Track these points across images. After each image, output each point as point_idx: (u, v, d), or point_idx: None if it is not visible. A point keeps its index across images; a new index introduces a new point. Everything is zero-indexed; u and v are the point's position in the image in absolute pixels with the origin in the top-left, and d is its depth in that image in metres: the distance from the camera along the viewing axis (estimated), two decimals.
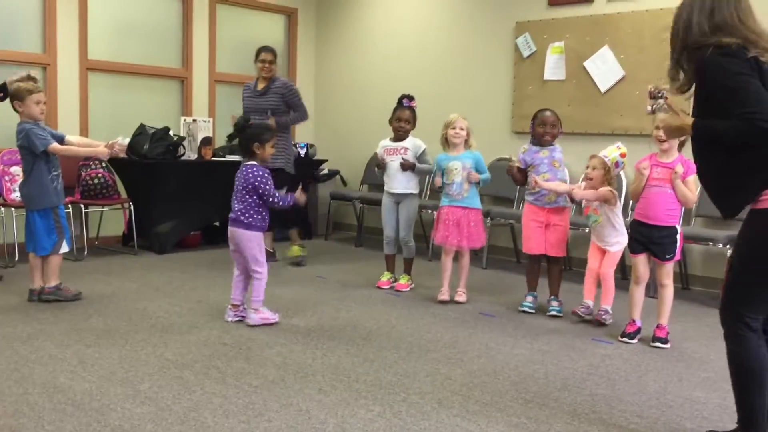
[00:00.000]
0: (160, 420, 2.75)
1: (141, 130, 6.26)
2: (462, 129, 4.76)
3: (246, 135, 4.16)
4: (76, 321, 4.08)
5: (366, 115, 7.52)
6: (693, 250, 5.53)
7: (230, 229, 4.13)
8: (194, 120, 6.63)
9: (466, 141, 4.80)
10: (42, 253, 4.41)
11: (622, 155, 4.23)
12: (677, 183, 3.79)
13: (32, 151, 4.32)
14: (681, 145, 3.91)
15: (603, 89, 5.98)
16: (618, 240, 4.25)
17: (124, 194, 6.37)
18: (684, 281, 5.54)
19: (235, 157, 6.84)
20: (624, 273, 5.55)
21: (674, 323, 4.46)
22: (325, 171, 7.58)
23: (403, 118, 5.07)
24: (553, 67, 6.27)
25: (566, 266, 6.15)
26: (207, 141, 6.55)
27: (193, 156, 6.48)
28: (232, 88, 7.28)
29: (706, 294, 5.32)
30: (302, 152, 7.19)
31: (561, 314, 4.47)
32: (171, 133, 6.40)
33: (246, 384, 3.16)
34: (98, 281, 5.07)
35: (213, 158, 6.65)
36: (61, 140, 4.45)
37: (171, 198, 6.25)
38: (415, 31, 7.32)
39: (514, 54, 6.53)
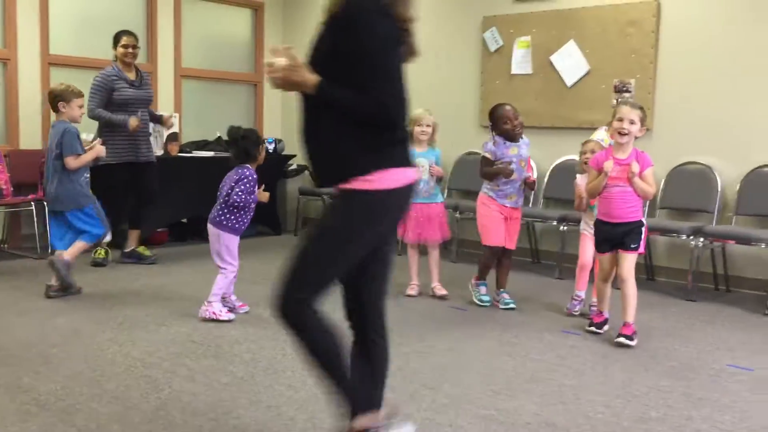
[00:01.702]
0: (127, 419, 2.72)
1: None
2: (428, 126, 4.76)
3: (250, 140, 4.21)
4: (41, 320, 4.00)
5: None
6: (657, 241, 5.62)
7: (211, 227, 4.12)
8: (160, 115, 6.54)
9: (431, 137, 4.81)
10: (100, 231, 4.69)
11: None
12: (635, 180, 3.76)
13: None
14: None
15: (569, 83, 6.04)
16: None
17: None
18: (649, 272, 5.62)
19: (204, 153, 6.79)
20: (650, 272, 5.55)
21: (639, 314, 4.51)
22: (294, 166, 7.54)
23: None
24: (520, 62, 6.31)
25: (536, 259, 6.21)
26: (173, 137, 6.47)
27: (159, 152, 6.40)
28: (199, 83, 7.20)
29: (670, 284, 5.41)
30: (270, 147, 7.15)
31: (515, 306, 4.51)
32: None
33: (215, 381, 3.14)
34: None
35: (180, 154, 6.57)
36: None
37: None
38: None
39: (481, 48, 6.56)
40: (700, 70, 5.43)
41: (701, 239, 5.01)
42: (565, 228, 5.61)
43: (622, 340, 3.81)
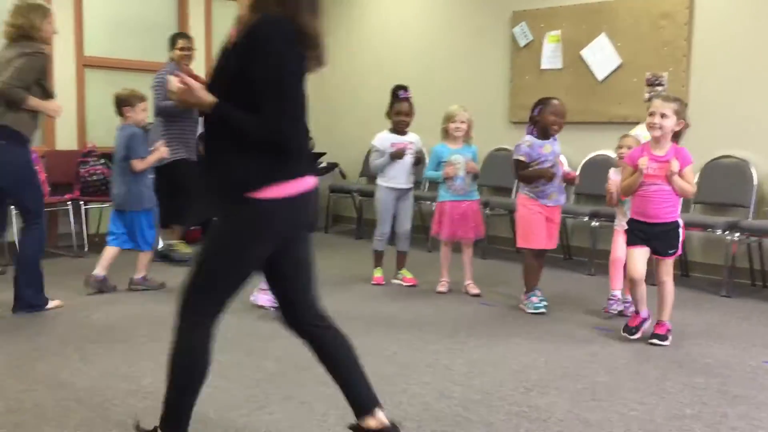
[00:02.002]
0: None
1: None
2: (463, 122, 4.73)
3: None
4: (77, 317, 4.09)
5: (365, 107, 7.50)
6: (692, 236, 5.54)
7: None
8: None
9: (467, 133, 4.78)
10: (146, 248, 4.83)
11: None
12: (675, 179, 3.59)
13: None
14: (676, 135, 3.72)
15: (600, 78, 5.98)
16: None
17: None
18: (683, 268, 5.54)
19: None
20: (684, 269, 5.48)
21: (674, 310, 4.46)
22: (324, 164, 7.58)
23: (402, 111, 4.96)
24: (550, 56, 6.26)
25: (567, 255, 6.16)
26: (202, 137, 6.53)
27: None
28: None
29: (705, 280, 5.33)
30: None
31: (545, 310, 4.33)
32: None
33: (247, 377, 3.17)
34: None
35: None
36: None
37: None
38: (410, 21, 7.30)
39: (510, 43, 6.52)
40: (735, 63, 5.33)
41: (737, 234, 4.92)
42: (597, 224, 5.56)
43: (654, 341, 3.72)
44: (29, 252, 4.10)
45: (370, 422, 2.33)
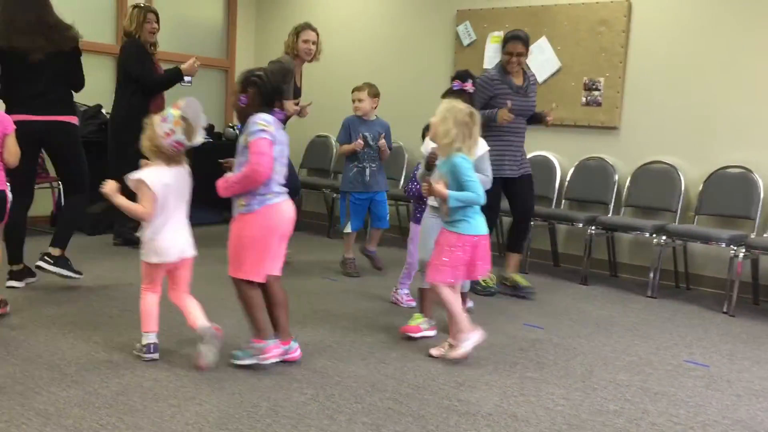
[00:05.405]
0: (87, 404, 2.69)
1: None
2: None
3: None
4: None
5: (309, 97, 7.44)
6: (621, 238, 5.71)
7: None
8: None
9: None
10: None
11: None
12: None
13: None
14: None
15: (540, 80, 6.08)
16: None
17: (53, 173, 6.15)
18: (612, 269, 5.71)
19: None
20: (613, 269, 5.66)
21: (602, 309, 4.61)
22: None
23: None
24: (493, 56, 6.33)
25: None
26: None
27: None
28: (170, 67, 7.08)
29: (633, 281, 5.51)
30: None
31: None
32: (104, 111, 6.21)
33: (178, 367, 3.12)
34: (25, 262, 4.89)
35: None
36: None
37: (103, 178, 6.06)
38: (357, 14, 7.28)
39: (454, 42, 6.58)
40: (668, 71, 5.52)
41: (663, 237, 5.10)
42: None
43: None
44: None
45: None
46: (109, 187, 3.20)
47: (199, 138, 3.15)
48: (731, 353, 3.82)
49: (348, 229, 5.14)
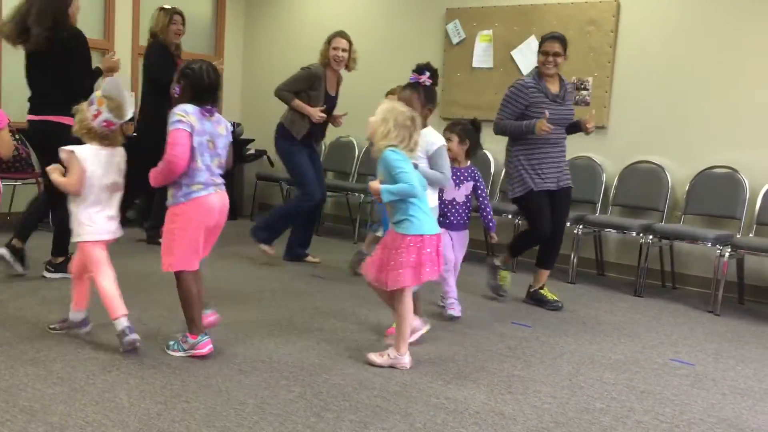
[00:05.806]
0: (73, 401, 2.67)
1: None
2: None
3: None
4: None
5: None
6: (609, 237, 5.74)
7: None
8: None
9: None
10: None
11: None
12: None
13: None
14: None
15: None
16: None
17: (38, 168, 6.10)
18: (599, 268, 5.74)
19: None
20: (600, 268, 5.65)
21: (589, 308, 4.63)
22: (252, 151, 7.47)
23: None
24: (482, 55, 6.36)
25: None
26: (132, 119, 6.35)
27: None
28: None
29: (619, 280, 5.53)
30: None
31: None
32: None
33: (164, 365, 3.10)
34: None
35: (134, 134, 6.44)
36: None
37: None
38: (346, 12, 7.27)
39: (443, 40, 6.59)
40: (655, 71, 5.54)
41: (650, 237, 5.13)
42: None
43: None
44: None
45: None
46: (51, 167, 3.33)
47: (129, 113, 3.32)
48: (717, 352, 3.84)
49: (381, 232, 5.01)
